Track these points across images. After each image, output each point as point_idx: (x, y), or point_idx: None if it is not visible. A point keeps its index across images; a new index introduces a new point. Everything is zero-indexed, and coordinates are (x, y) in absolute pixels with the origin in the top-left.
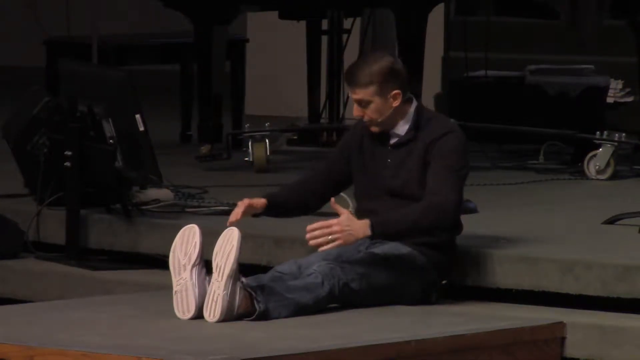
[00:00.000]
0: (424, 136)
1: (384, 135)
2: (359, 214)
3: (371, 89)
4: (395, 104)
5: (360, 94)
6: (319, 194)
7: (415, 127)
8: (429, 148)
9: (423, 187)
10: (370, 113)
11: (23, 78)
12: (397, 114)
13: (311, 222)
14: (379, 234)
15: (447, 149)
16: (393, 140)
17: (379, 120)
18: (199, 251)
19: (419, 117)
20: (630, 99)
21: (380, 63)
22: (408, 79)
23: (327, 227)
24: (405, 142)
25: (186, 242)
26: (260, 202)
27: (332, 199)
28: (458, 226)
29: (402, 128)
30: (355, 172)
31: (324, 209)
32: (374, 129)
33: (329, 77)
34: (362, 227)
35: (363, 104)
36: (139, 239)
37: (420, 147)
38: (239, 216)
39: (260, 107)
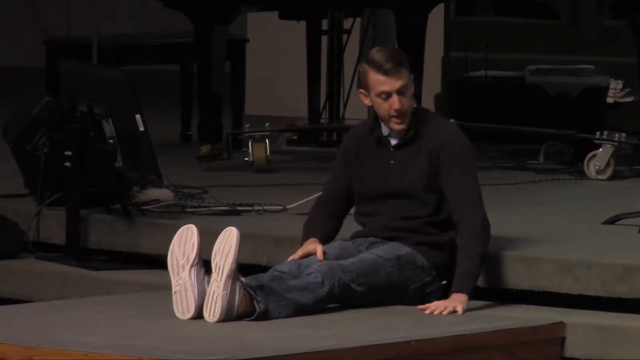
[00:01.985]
0: (427, 140)
1: (383, 138)
2: (359, 216)
3: (408, 72)
4: (413, 89)
5: (404, 77)
6: (341, 212)
7: (415, 126)
8: (434, 155)
9: (427, 190)
10: (407, 101)
11: (23, 78)
12: None
13: None
14: (470, 288)
15: (460, 158)
16: (394, 142)
17: (411, 110)
18: (197, 251)
19: (417, 117)
20: (630, 99)
21: (395, 48)
22: None
23: (444, 309)
24: (406, 142)
25: (184, 242)
26: (319, 249)
27: None
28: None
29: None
30: (354, 177)
31: None
32: (404, 123)
33: (329, 77)
34: (459, 298)
35: (403, 89)
36: (139, 239)
37: (424, 151)
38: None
39: (260, 107)
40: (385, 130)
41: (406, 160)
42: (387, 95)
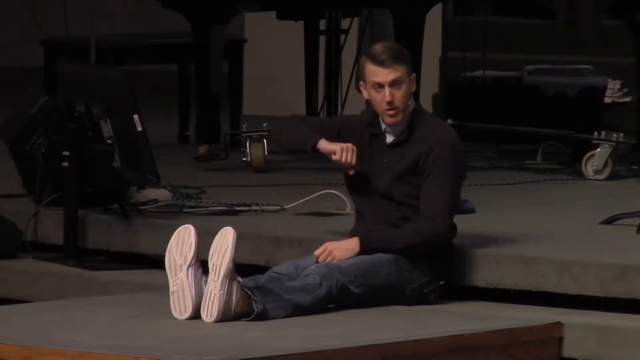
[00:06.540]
0: (418, 142)
1: (379, 134)
2: (358, 209)
3: (405, 68)
4: (413, 88)
5: (399, 70)
6: None
7: (409, 128)
8: (421, 157)
9: (406, 195)
10: (400, 96)
11: (21, 78)
12: None
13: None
14: (367, 249)
15: (442, 163)
16: (389, 140)
17: (405, 106)
18: (194, 251)
19: (414, 118)
20: (628, 99)
21: (397, 44)
22: None
23: (324, 249)
24: (399, 143)
25: (182, 242)
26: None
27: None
28: (453, 229)
29: (399, 128)
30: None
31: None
32: (397, 118)
33: (327, 77)
34: (353, 243)
35: (397, 83)
36: (137, 239)
37: (414, 153)
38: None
39: (258, 107)
40: (383, 126)
41: (394, 160)
42: (380, 86)
